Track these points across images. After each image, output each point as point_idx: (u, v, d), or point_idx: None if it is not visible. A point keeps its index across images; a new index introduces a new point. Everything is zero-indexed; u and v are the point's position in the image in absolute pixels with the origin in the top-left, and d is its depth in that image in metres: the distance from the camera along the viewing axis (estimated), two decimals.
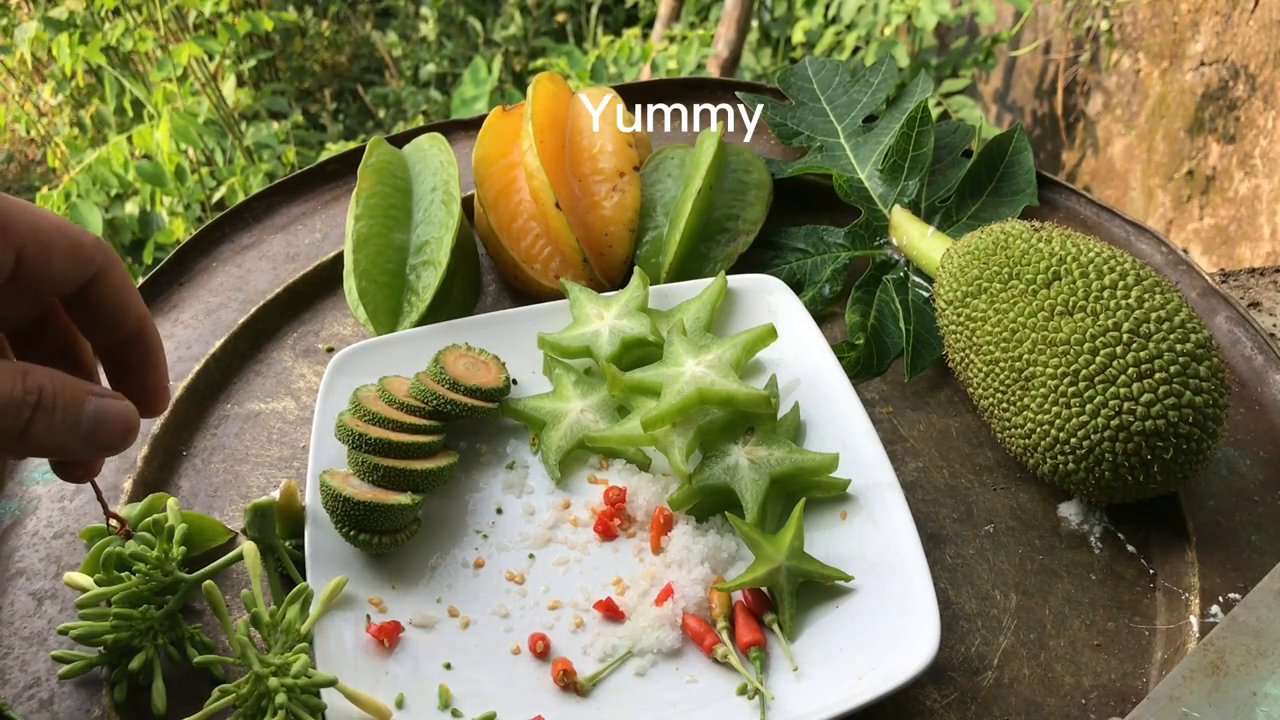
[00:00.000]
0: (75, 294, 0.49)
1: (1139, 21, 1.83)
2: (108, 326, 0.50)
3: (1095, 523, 0.66)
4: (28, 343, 0.50)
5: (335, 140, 2.43)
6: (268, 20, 2.07)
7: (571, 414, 0.68)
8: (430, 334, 0.72)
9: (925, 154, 0.81)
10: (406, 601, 0.61)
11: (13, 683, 0.60)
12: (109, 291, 0.49)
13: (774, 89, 0.95)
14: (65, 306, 0.50)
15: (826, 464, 0.63)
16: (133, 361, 0.52)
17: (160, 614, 0.58)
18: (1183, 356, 0.59)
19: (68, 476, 0.52)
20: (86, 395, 0.46)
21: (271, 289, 0.83)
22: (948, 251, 0.70)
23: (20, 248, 0.45)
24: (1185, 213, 1.77)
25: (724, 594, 0.60)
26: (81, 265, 0.48)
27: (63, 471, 0.52)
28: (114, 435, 0.47)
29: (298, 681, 0.52)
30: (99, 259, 0.48)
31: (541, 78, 0.84)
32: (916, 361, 0.74)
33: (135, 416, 0.49)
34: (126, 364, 0.52)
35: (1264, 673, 0.54)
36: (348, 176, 0.92)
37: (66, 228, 0.47)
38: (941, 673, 0.59)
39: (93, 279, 0.48)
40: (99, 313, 0.50)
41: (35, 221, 0.45)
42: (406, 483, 0.62)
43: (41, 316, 0.51)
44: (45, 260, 0.46)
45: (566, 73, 2.12)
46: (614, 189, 0.80)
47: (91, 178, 1.83)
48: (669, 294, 0.75)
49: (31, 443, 0.45)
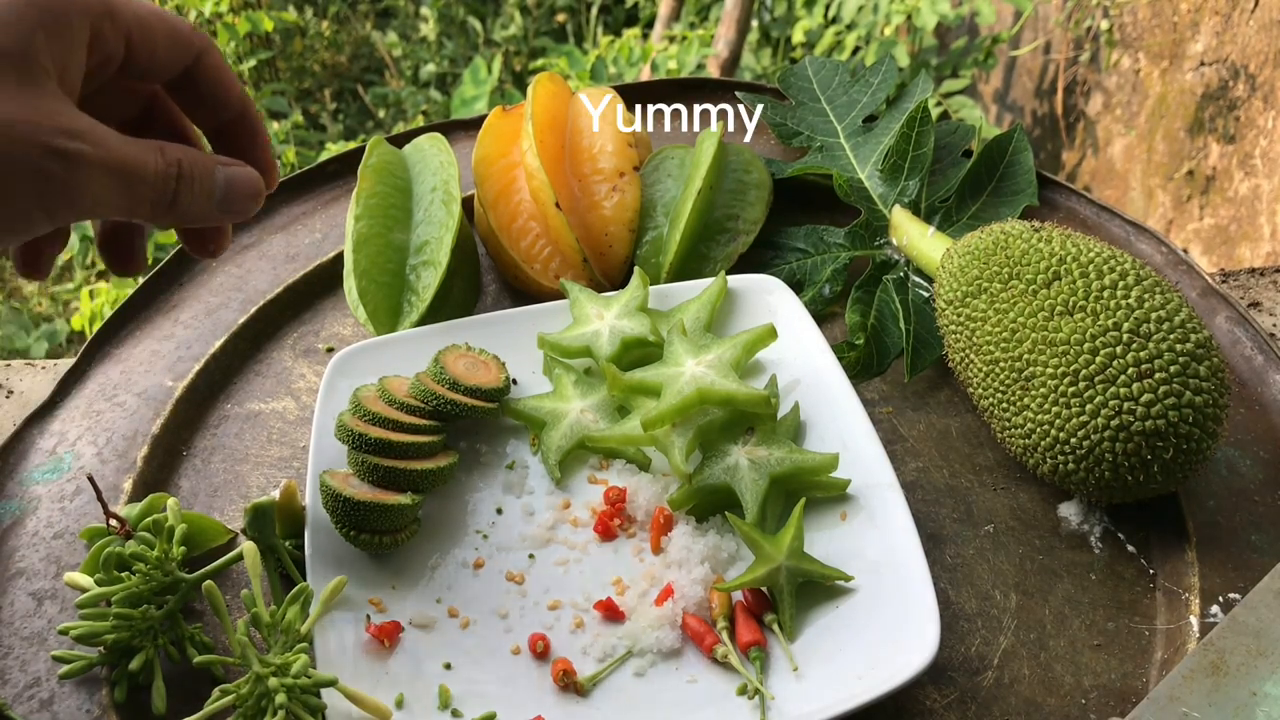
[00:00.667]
0: (179, 78, 0.51)
1: (1139, 21, 1.83)
2: (212, 107, 0.52)
3: (1095, 523, 0.66)
4: (138, 132, 0.51)
5: (335, 140, 2.43)
6: (268, 20, 2.08)
7: (571, 414, 0.68)
8: (430, 334, 0.72)
9: (925, 154, 0.81)
10: (406, 601, 0.61)
11: (13, 683, 0.60)
12: (210, 73, 0.51)
13: (774, 89, 0.95)
14: (170, 92, 0.52)
15: (826, 464, 0.63)
16: (240, 141, 0.54)
17: (160, 614, 0.58)
18: (1183, 356, 0.59)
19: (201, 251, 0.54)
20: (215, 165, 0.49)
21: (271, 289, 0.83)
22: (948, 251, 0.70)
23: (128, 34, 0.47)
24: (1185, 213, 1.77)
25: (724, 594, 0.60)
26: (183, 48, 0.50)
27: (198, 246, 0.54)
28: (245, 199, 0.50)
29: (298, 681, 0.52)
30: (198, 42, 0.50)
31: (541, 78, 0.84)
32: (916, 361, 0.74)
33: (260, 181, 0.51)
34: (234, 144, 0.54)
35: (1264, 673, 0.54)
36: (348, 176, 0.92)
37: (164, 14, 0.49)
38: (941, 673, 0.59)
39: (194, 62, 0.50)
40: (203, 94, 0.52)
41: (137, 9, 0.47)
42: (406, 483, 0.62)
43: (149, 105, 0.54)
44: (151, 45, 0.48)
45: (566, 73, 2.12)
46: (614, 189, 0.80)
47: None
48: (669, 294, 0.75)
49: (178, 211, 0.47)
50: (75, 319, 1.79)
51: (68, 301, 2.27)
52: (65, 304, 2.27)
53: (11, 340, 2.02)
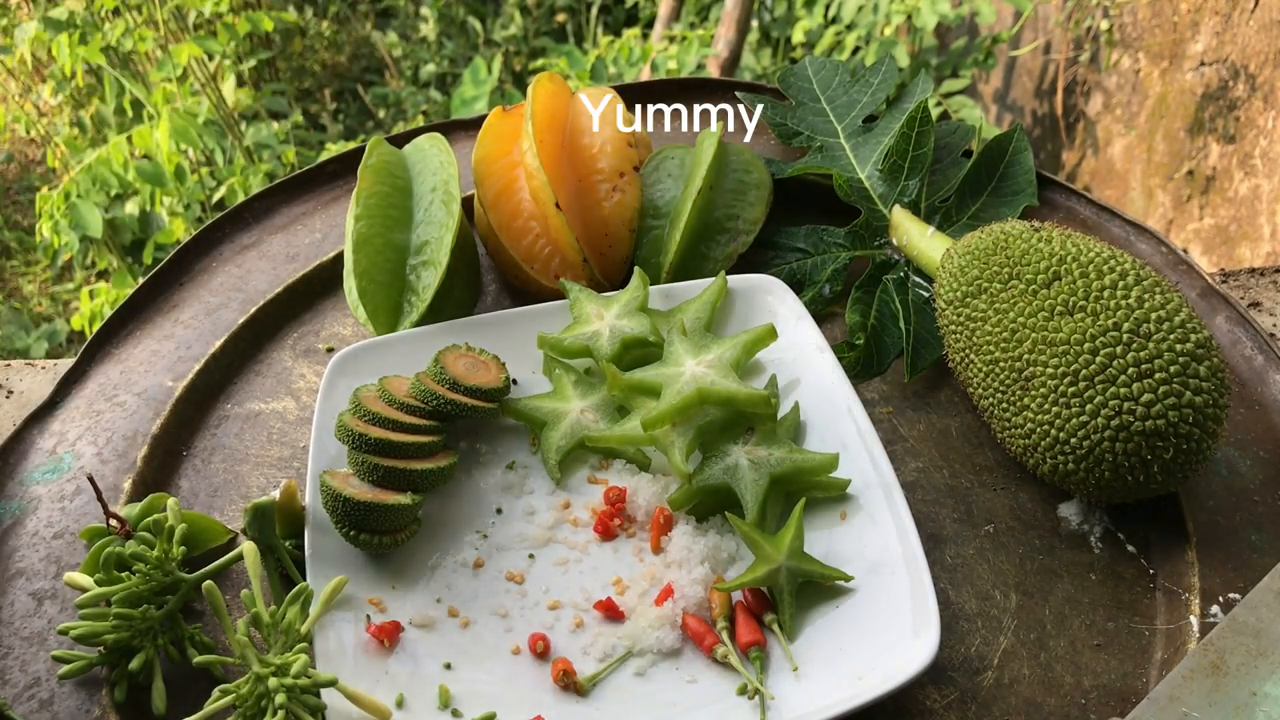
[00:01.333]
0: None
1: (1139, 21, 1.83)
2: None
3: (1095, 523, 0.66)
4: None
5: (335, 140, 2.43)
6: (268, 20, 2.07)
7: (571, 414, 0.68)
8: (430, 334, 0.72)
9: (925, 154, 0.81)
10: (406, 601, 0.61)
11: (13, 683, 0.60)
12: None
13: (774, 89, 0.95)
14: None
15: (826, 464, 0.63)
16: None
17: (160, 614, 0.58)
18: (1183, 356, 0.59)
19: None
20: None
21: (271, 289, 0.83)
22: (948, 251, 0.70)
23: None
24: (1185, 213, 1.77)
25: (724, 594, 0.60)
26: None
27: None
28: None
29: (298, 681, 0.52)
30: None
31: (541, 78, 0.84)
32: (916, 361, 0.74)
33: None
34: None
35: (1264, 673, 0.54)
36: (348, 176, 0.92)
37: None
38: (941, 673, 0.59)
39: None
40: None
41: None
42: (406, 483, 0.62)
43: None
44: None
45: (566, 73, 2.12)
46: (614, 189, 0.80)
47: (91, 178, 1.83)
48: (669, 294, 0.75)
49: None
50: (75, 319, 1.79)
51: (68, 301, 2.27)
52: (65, 304, 2.27)
53: (11, 340, 2.02)
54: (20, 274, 2.36)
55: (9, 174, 2.61)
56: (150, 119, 2.01)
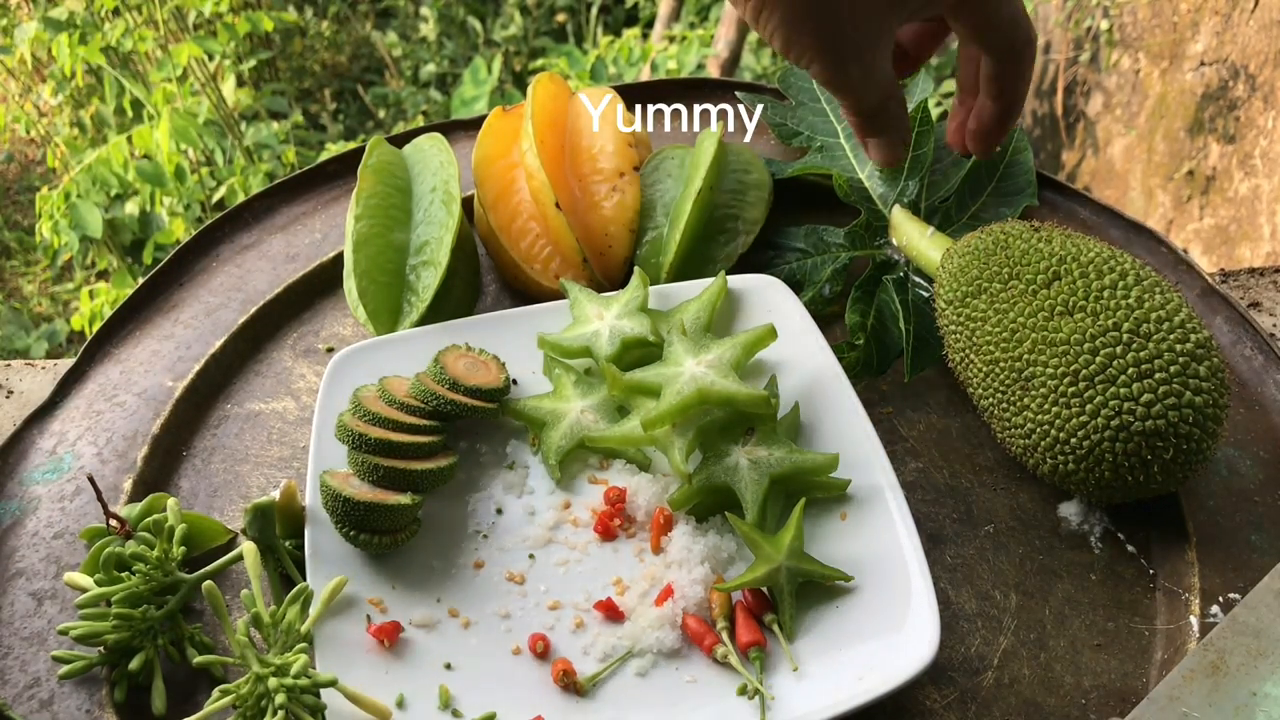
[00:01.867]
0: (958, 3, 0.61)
1: (1139, 21, 1.83)
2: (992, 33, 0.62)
3: (1095, 523, 0.66)
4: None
5: (335, 140, 2.43)
6: (268, 20, 2.08)
7: (571, 414, 0.68)
8: (430, 334, 0.72)
9: (925, 154, 0.81)
10: (406, 601, 0.61)
11: (13, 683, 0.60)
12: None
13: (774, 89, 0.95)
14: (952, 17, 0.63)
15: (826, 464, 0.63)
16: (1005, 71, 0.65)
17: (160, 614, 0.58)
18: (1183, 356, 0.59)
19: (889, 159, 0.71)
20: None
21: (271, 289, 0.83)
22: (948, 251, 0.70)
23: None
24: (1185, 213, 1.77)
25: (724, 594, 0.60)
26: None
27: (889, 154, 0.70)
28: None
29: (298, 681, 0.52)
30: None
31: (541, 78, 0.84)
32: (916, 361, 0.74)
33: None
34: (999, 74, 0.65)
35: (1264, 673, 0.54)
36: (348, 176, 0.92)
37: None
38: (941, 673, 0.59)
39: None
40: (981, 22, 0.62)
41: None
42: (406, 483, 0.62)
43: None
44: None
45: (566, 73, 2.12)
46: (614, 189, 0.80)
47: (91, 178, 1.83)
48: (669, 294, 0.75)
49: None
50: (75, 319, 1.80)
51: (68, 301, 2.27)
52: (65, 304, 2.27)
53: (11, 340, 2.02)
54: (20, 274, 2.36)
55: (9, 174, 2.61)
56: (150, 119, 2.02)
